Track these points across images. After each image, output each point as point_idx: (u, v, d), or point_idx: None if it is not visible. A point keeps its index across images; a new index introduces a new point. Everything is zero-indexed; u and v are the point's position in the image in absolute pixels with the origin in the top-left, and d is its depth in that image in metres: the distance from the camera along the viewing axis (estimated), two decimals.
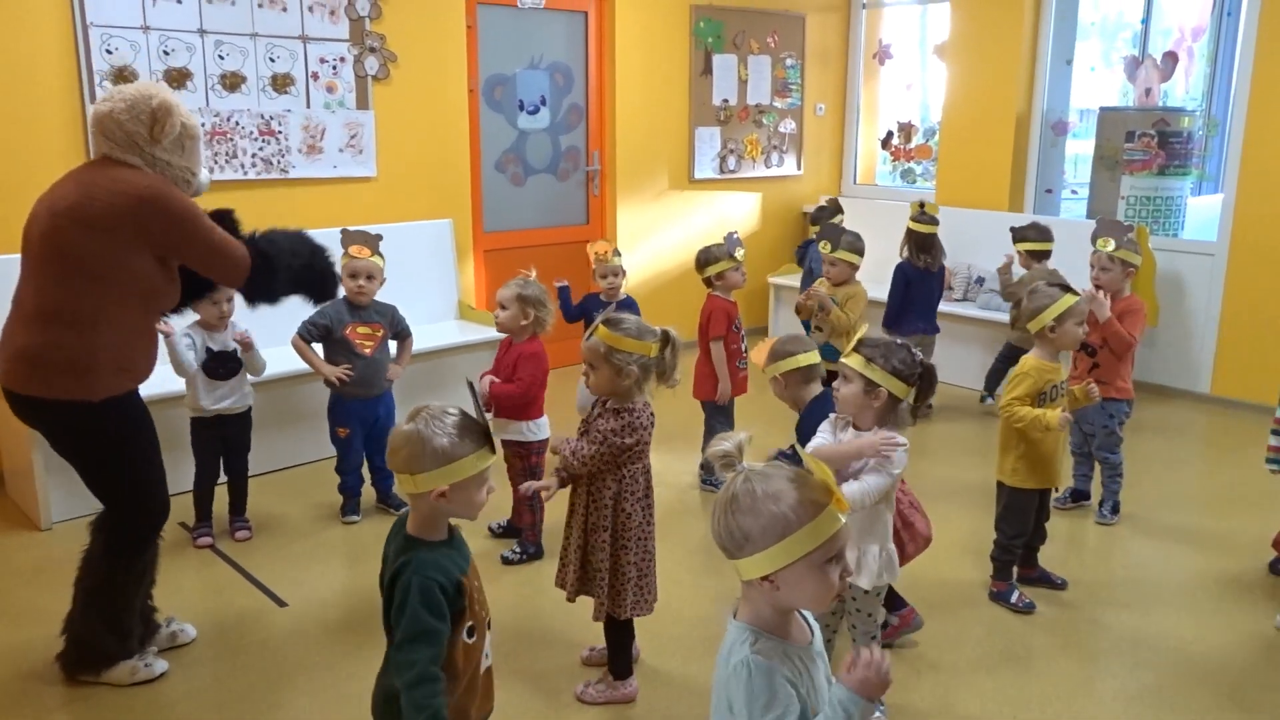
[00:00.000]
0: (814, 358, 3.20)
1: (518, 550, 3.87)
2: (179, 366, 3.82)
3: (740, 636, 1.61)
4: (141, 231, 2.74)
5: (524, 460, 3.87)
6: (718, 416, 4.57)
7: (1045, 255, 5.33)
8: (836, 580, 1.57)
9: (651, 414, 2.90)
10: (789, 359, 3.17)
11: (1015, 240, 5.43)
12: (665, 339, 2.85)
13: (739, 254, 4.53)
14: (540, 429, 3.86)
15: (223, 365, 3.89)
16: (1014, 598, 3.54)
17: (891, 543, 2.81)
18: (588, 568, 2.92)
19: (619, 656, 2.98)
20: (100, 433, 2.87)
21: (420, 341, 4.84)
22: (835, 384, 2.75)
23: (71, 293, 2.75)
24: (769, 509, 1.54)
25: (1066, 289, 3.47)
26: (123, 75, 4.55)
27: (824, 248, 4.87)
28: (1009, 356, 5.39)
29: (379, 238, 4.12)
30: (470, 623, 2.02)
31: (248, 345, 3.93)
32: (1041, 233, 5.38)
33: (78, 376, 2.77)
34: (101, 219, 2.70)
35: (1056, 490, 3.69)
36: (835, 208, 6.21)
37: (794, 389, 3.21)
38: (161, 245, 2.81)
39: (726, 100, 7.09)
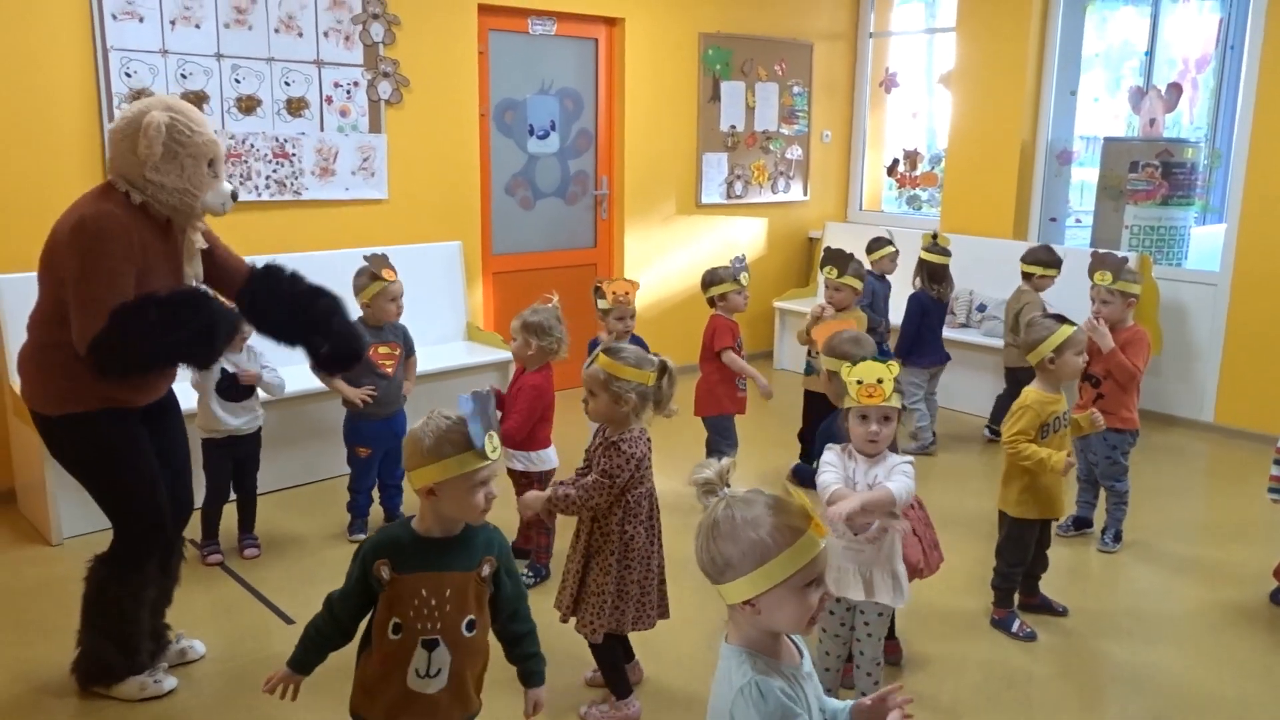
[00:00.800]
0: None
1: (528, 573, 3.89)
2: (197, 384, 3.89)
3: (738, 659, 1.64)
4: (59, 254, 2.73)
5: (528, 489, 3.90)
6: (721, 433, 4.61)
7: (1046, 280, 5.37)
8: (816, 603, 1.61)
9: (648, 439, 2.95)
10: (838, 361, 3.10)
11: (1022, 259, 5.46)
12: (663, 369, 2.92)
13: (743, 278, 4.60)
14: (545, 459, 3.89)
15: (236, 386, 3.94)
16: (1015, 626, 3.56)
17: (902, 564, 2.85)
18: (584, 589, 2.95)
19: (614, 676, 3.02)
20: (68, 446, 2.92)
21: (429, 362, 4.90)
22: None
23: (41, 312, 2.84)
24: (748, 535, 1.59)
25: (1063, 320, 3.49)
26: (140, 97, 4.61)
27: (829, 273, 4.92)
28: (1014, 389, 5.41)
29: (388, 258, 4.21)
30: (395, 619, 2.11)
31: (254, 380, 3.97)
32: (1044, 256, 5.40)
33: (38, 391, 2.85)
34: (53, 242, 2.77)
35: (1058, 519, 3.71)
36: (888, 240, 5.92)
37: (838, 385, 3.18)
38: (63, 269, 2.71)
39: (734, 126, 7.16)
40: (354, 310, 4.08)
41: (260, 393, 4.05)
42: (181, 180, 2.79)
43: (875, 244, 5.72)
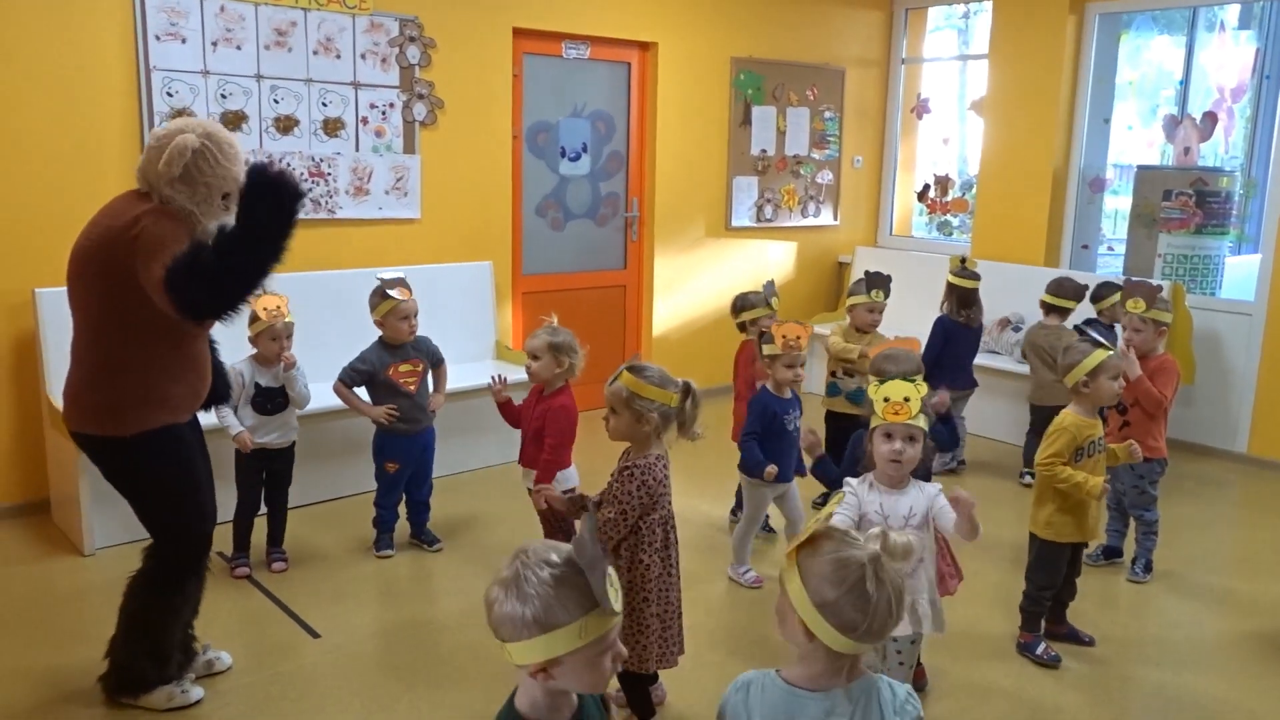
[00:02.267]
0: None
1: None
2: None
3: None
4: (117, 261, 2.75)
5: (551, 508, 3.90)
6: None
7: (1063, 312, 5.34)
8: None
9: (665, 464, 2.91)
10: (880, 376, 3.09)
11: (1046, 290, 5.42)
12: (686, 390, 2.89)
13: (774, 302, 4.59)
14: (567, 479, 3.87)
15: (270, 400, 3.98)
16: (1040, 649, 3.53)
17: (936, 592, 2.84)
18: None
19: (640, 702, 3.00)
20: (133, 468, 2.95)
21: (458, 380, 4.93)
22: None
23: (90, 333, 2.87)
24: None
25: (1098, 344, 3.48)
26: (180, 117, 4.71)
27: (876, 295, 4.90)
28: (1039, 425, 5.37)
29: (404, 277, 4.24)
30: None
31: (290, 364, 3.98)
32: (1063, 290, 5.37)
33: (108, 413, 2.87)
34: (90, 254, 2.81)
35: (1089, 546, 3.67)
36: (1117, 286, 5.38)
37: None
38: (134, 272, 2.73)
39: (765, 151, 7.19)
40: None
41: (295, 409, 4.09)
42: (192, 203, 2.83)
43: (1104, 289, 5.39)
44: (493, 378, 4.04)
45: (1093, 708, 3.27)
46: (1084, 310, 5.44)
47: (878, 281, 4.92)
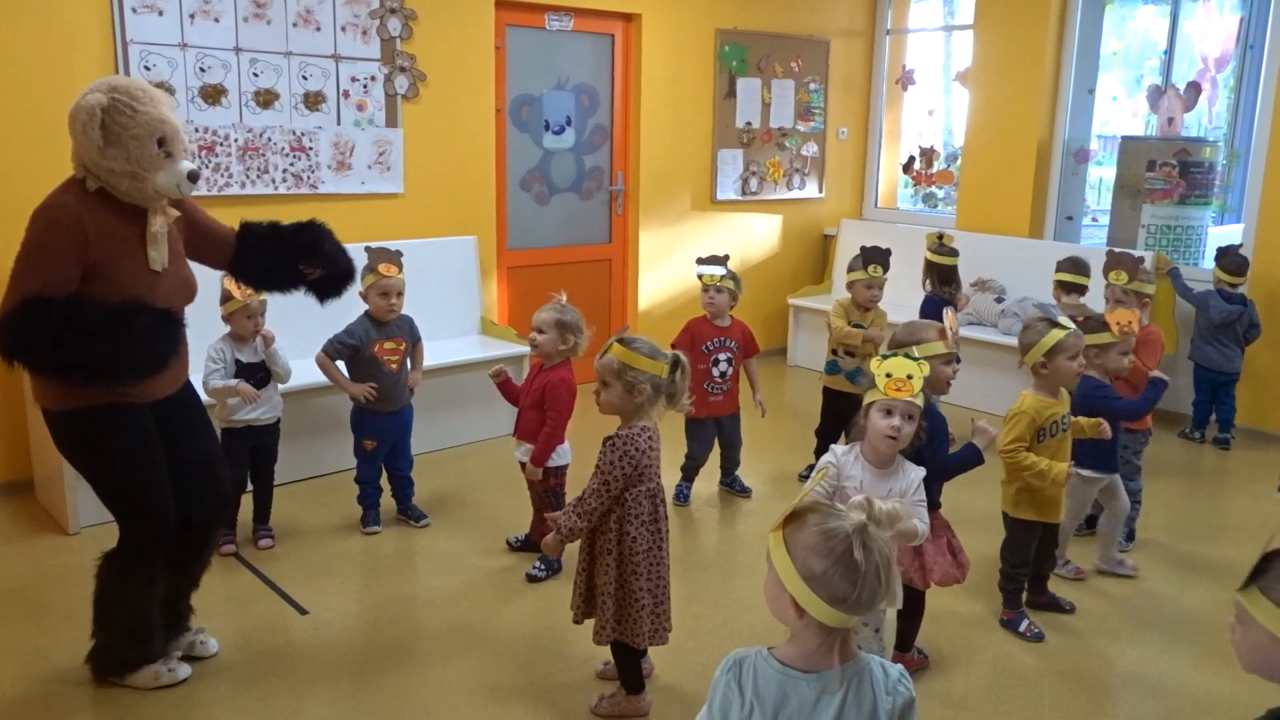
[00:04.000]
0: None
1: (541, 566, 3.91)
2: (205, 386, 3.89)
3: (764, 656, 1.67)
4: None
5: (544, 482, 3.92)
6: (691, 435, 4.63)
7: (1079, 289, 5.25)
8: None
9: (650, 437, 2.89)
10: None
11: (1057, 270, 5.36)
12: (675, 361, 2.89)
13: (717, 273, 4.58)
14: (561, 454, 3.89)
15: (251, 377, 3.96)
16: (1023, 626, 3.55)
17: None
18: (593, 590, 2.94)
19: (630, 674, 3.02)
20: (69, 443, 2.94)
21: (443, 356, 4.92)
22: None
23: None
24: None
25: (1054, 324, 3.40)
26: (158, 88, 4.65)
27: (874, 271, 4.87)
28: None
29: (400, 253, 4.20)
30: None
31: (269, 340, 3.97)
32: (1076, 266, 5.32)
33: (47, 386, 2.85)
34: None
35: (1056, 522, 3.66)
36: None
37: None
38: None
39: (750, 123, 7.16)
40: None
41: (278, 385, 4.08)
42: (129, 163, 2.71)
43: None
44: (495, 371, 4.00)
45: (1075, 676, 3.30)
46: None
47: (875, 256, 4.89)
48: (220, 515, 3.24)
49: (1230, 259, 5.60)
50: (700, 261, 4.67)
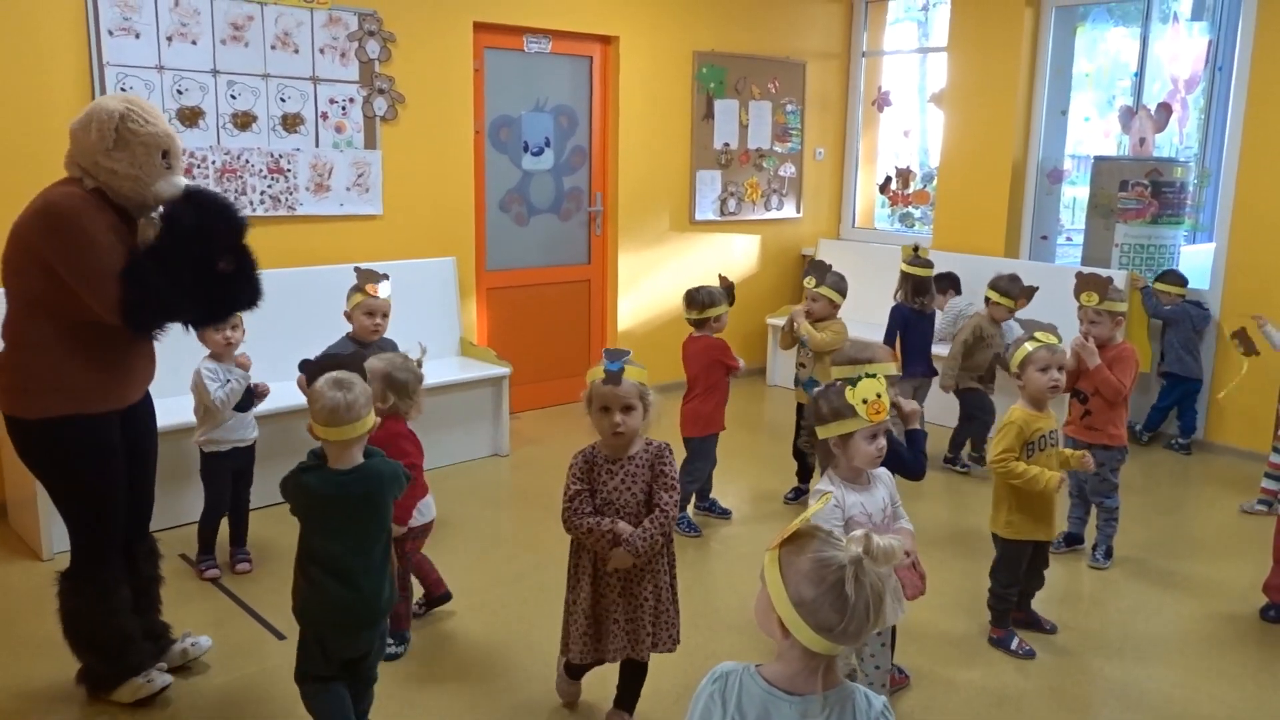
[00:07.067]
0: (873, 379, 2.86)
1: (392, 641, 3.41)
2: (213, 408, 3.86)
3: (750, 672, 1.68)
4: (33, 243, 2.77)
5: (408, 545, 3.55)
6: (705, 455, 4.60)
7: (1001, 310, 5.41)
8: None
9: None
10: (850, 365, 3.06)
11: (989, 286, 5.51)
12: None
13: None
14: (426, 511, 3.60)
15: (247, 397, 3.96)
16: (1014, 644, 3.57)
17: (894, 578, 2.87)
18: (659, 617, 2.91)
19: (633, 694, 3.04)
20: (35, 452, 2.94)
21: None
22: None
23: (9, 313, 2.89)
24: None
25: (1031, 337, 3.51)
26: None
27: (809, 283, 4.92)
28: (966, 414, 5.57)
29: (387, 276, 4.20)
30: None
31: (245, 367, 3.96)
32: (1009, 286, 5.45)
33: (15, 392, 2.88)
34: (14, 235, 2.81)
35: (1049, 540, 3.70)
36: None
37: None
38: (44, 256, 2.75)
39: (728, 144, 7.20)
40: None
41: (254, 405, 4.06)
42: (133, 168, 2.79)
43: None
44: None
45: (1056, 695, 3.31)
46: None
47: (814, 269, 4.95)
48: (148, 524, 3.24)
49: (1172, 275, 5.99)
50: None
